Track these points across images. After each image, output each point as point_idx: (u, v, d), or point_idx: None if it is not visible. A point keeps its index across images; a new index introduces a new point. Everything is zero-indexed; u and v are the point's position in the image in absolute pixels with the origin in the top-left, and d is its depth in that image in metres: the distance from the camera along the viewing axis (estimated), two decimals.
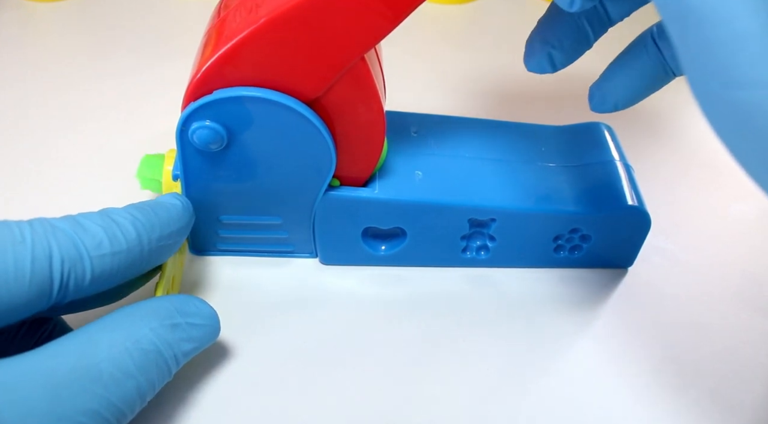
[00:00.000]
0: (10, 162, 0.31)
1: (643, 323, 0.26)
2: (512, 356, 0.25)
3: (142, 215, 0.21)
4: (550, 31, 0.24)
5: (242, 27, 0.21)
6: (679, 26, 0.15)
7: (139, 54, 0.41)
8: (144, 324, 0.19)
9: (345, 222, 0.26)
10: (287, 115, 0.22)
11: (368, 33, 0.21)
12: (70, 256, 0.18)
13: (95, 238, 0.19)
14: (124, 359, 0.18)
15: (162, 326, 0.19)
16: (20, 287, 0.17)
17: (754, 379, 0.24)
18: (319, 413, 0.22)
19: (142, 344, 0.19)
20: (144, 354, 0.19)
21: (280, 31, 0.21)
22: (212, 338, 0.22)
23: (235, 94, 0.22)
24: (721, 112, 0.15)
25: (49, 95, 0.36)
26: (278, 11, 0.20)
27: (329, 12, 0.20)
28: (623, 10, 0.24)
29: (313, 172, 0.24)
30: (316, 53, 0.21)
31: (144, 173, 0.26)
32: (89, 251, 0.19)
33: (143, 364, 0.18)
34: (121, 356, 0.18)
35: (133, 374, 0.18)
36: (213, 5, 0.27)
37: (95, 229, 0.19)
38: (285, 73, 0.22)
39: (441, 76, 0.40)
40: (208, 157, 0.24)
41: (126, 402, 0.18)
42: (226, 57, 0.21)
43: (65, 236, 0.18)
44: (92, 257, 0.19)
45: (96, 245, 0.19)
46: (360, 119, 0.23)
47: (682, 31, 0.15)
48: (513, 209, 0.26)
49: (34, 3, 0.45)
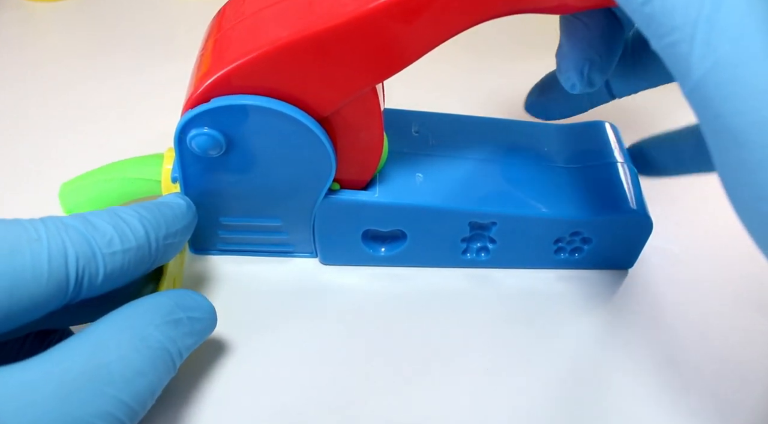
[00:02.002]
0: (10, 162, 0.31)
1: (644, 323, 0.26)
2: (512, 355, 0.25)
3: (149, 213, 0.21)
4: (549, 96, 0.26)
5: (256, 43, 0.21)
6: (716, 141, 0.16)
7: (139, 54, 0.40)
8: (149, 322, 0.19)
9: (345, 225, 0.26)
10: (286, 122, 0.22)
11: (382, 68, 0.22)
12: (84, 253, 0.18)
13: (106, 235, 0.19)
14: (133, 358, 0.18)
15: (165, 323, 0.19)
16: (38, 285, 0.17)
17: (754, 379, 0.24)
18: (318, 413, 0.22)
19: (148, 341, 0.19)
20: (152, 351, 0.19)
21: (303, 51, 0.21)
22: (210, 330, 0.22)
23: (233, 103, 0.22)
24: (755, 219, 0.16)
25: (49, 95, 0.36)
26: (306, 31, 0.20)
27: (354, 39, 0.21)
28: (628, 90, 0.25)
29: (312, 177, 0.24)
30: (328, 79, 0.22)
31: (67, 202, 0.27)
32: (101, 249, 0.19)
33: (152, 361, 0.18)
34: (130, 355, 0.18)
35: (143, 372, 0.18)
36: (213, 5, 0.27)
37: (105, 226, 0.19)
38: (294, 93, 0.22)
39: (443, 75, 0.40)
40: (206, 162, 0.23)
41: (138, 401, 0.18)
42: (238, 70, 0.21)
43: (78, 234, 0.18)
44: (104, 254, 0.19)
45: (107, 243, 0.19)
46: (360, 142, 0.24)
47: (720, 146, 0.16)
48: (514, 213, 0.26)
49: (34, 3, 0.45)
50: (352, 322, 0.25)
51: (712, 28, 0.15)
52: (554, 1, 0.21)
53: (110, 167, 0.27)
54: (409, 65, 0.22)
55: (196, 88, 0.22)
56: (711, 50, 0.15)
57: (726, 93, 0.15)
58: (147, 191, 0.27)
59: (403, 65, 0.22)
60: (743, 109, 0.14)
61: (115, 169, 0.27)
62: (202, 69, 0.22)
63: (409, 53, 0.21)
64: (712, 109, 0.15)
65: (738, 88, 0.14)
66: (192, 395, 0.22)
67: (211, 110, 0.22)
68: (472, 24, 0.21)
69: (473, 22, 0.21)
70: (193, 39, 0.27)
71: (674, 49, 0.15)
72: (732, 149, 0.15)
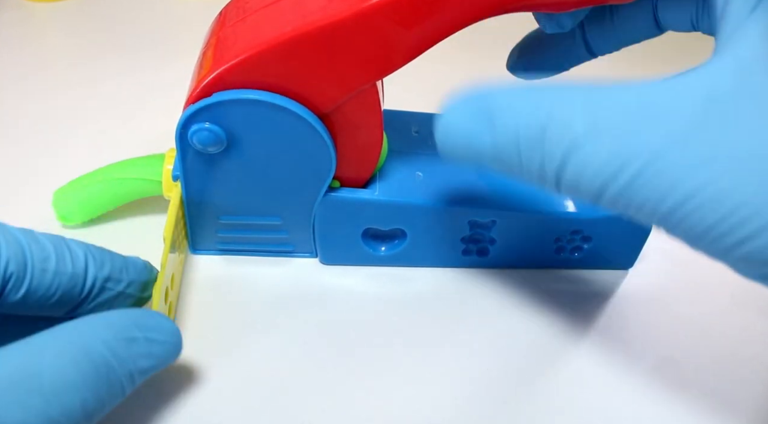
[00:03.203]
0: (10, 162, 0.31)
1: (643, 322, 0.26)
2: (512, 356, 0.24)
3: (97, 251, 0.20)
4: (528, 56, 0.26)
5: (258, 39, 0.21)
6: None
7: (139, 54, 0.41)
8: (96, 336, 0.18)
9: (345, 223, 0.26)
10: (287, 117, 0.22)
11: (384, 63, 0.22)
12: (17, 259, 0.18)
13: (44, 251, 0.18)
14: (69, 371, 0.16)
15: (116, 340, 0.18)
16: None
17: (754, 379, 0.24)
18: (318, 413, 0.22)
19: (92, 356, 0.17)
20: (93, 367, 0.17)
21: (304, 47, 0.21)
22: (173, 356, 0.20)
23: (235, 97, 0.22)
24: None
25: (49, 95, 0.36)
26: (307, 27, 0.21)
27: (353, 37, 0.21)
28: (608, 47, 0.25)
29: (312, 174, 0.24)
30: (330, 74, 0.22)
31: (60, 206, 0.27)
32: (35, 262, 0.18)
33: (92, 378, 0.17)
34: (66, 366, 0.16)
35: (78, 387, 0.17)
36: (213, 5, 0.27)
37: (47, 245, 0.19)
38: (296, 89, 0.22)
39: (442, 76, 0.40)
40: (207, 159, 0.23)
41: (68, 418, 0.16)
42: (239, 66, 0.21)
43: (17, 241, 0.18)
44: (36, 268, 0.18)
45: (43, 258, 0.18)
46: (360, 139, 0.24)
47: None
48: (513, 212, 0.26)
49: (34, 3, 0.45)
50: (352, 322, 0.25)
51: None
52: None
53: (102, 170, 0.27)
54: (410, 61, 0.22)
55: (198, 84, 0.22)
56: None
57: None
58: (145, 192, 0.27)
59: (404, 61, 0.22)
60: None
61: (107, 171, 0.27)
62: (205, 66, 0.22)
63: (410, 49, 0.22)
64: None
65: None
66: (190, 392, 0.22)
67: (213, 105, 0.22)
68: (472, 21, 0.21)
69: (473, 20, 0.21)
70: (193, 39, 0.27)
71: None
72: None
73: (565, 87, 0.17)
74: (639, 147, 0.15)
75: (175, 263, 0.24)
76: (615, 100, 0.16)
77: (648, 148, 0.15)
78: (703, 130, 0.15)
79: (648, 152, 0.15)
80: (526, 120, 0.17)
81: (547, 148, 0.16)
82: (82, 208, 0.27)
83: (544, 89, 0.17)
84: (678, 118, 0.15)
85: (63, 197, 0.27)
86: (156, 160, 0.27)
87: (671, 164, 0.15)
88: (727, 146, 0.15)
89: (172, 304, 0.24)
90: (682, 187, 0.15)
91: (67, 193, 0.27)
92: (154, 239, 0.25)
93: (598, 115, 0.16)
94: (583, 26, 0.24)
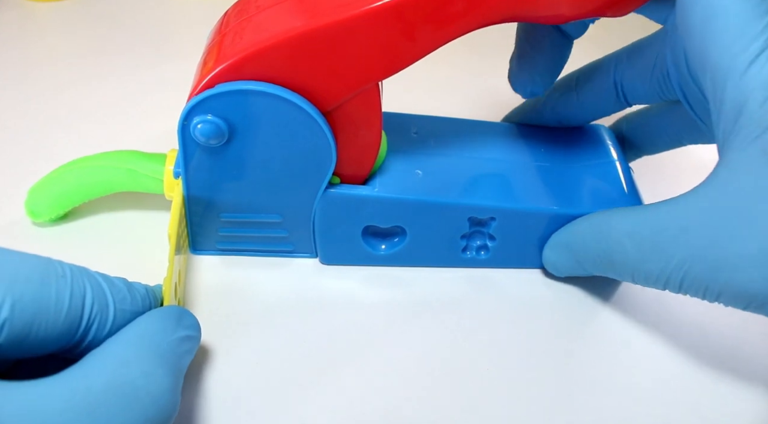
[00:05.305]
0: (10, 162, 0.31)
1: (643, 322, 0.26)
2: (512, 356, 0.25)
3: (146, 289, 0.21)
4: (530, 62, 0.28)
5: (263, 35, 0.22)
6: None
7: (139, 54, 0.41)
8: (162, 338, 0.19)
9: (345, 220, 0.26)
10: (289, 110, 0.22)
11: (389, 63, 0.22)
12: (100, 300, 0.18)
13: (120, 292, 0.19)
14: (156, 374, 0.18)
15: (174, 340, 0.19)
16: (56, 320, 0.17)
17: (754, 379, 0.24)
18: (318, 414, 0.22)
19: (165, 357, 0.19)
20: (169, 367, 0.18)
21: (311, 43, 0.21)
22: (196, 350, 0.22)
23: (237, 88, 0.22)
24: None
25: (49, 95, 0.36)
26: (315, 25, 0.21)
27: (360, 36, 0.21)
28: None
29: (313, 168, 0.24)
30: (335, 72, 0.22)
31: (32, 206, 0.27)
32: (116, 302, 0.19)
33: (173, 378, 0.18)
34: (153, 370, 0.18)
35: (166, 388, 0.18)
36: (213, 5, 0.27)
37: (120, 284, 0.20)
38: (302, 83, 0.22)
39: (442, 78, 0.40)
40: (209, 153, 0.24)
41: (163, 417, 0.18)
42: (244, 60, 0.22)
43: (96, 282, 0.19)
44: (117, 308, 0.19)
45: (121, 298, 0.19)
46: (359, 138, 0.24)
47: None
48: (513, 208, 0.26)
49: (34, 3, 0.45)
50: (352, 324, 0.25)
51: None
52: (549, 11, 0.22)
53: (71, 162, 0.27)
54: (415, 62, 0.22)
55: (202, 78, 0.22)
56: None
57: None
58: (115, 183, 0.27)
59: (410, 62, 0.22)
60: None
61: (76, 161, 0.27)
62: (209, 62, 0.23)
63: (416, 51, 0.22)
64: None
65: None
66: (193, 396, 0.22)
67: (216, 95, 0.22)
68: (475, 27, 0.22)
69: (476, 27, 0.22)
70: (193, 39, 0.27)
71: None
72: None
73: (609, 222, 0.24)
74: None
75: (180, 262, 0.24)
76: (654, 221, 0.22)
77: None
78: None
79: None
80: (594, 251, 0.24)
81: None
82: (52, 203, 0.27)
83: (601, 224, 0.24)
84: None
85: (33, 194, 0.27)
86: (128, 154, 0.27)
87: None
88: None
89: (180, 301, 0.24)
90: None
91: (39, 189, 0.27)
92: (142, 238, 0.25)
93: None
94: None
